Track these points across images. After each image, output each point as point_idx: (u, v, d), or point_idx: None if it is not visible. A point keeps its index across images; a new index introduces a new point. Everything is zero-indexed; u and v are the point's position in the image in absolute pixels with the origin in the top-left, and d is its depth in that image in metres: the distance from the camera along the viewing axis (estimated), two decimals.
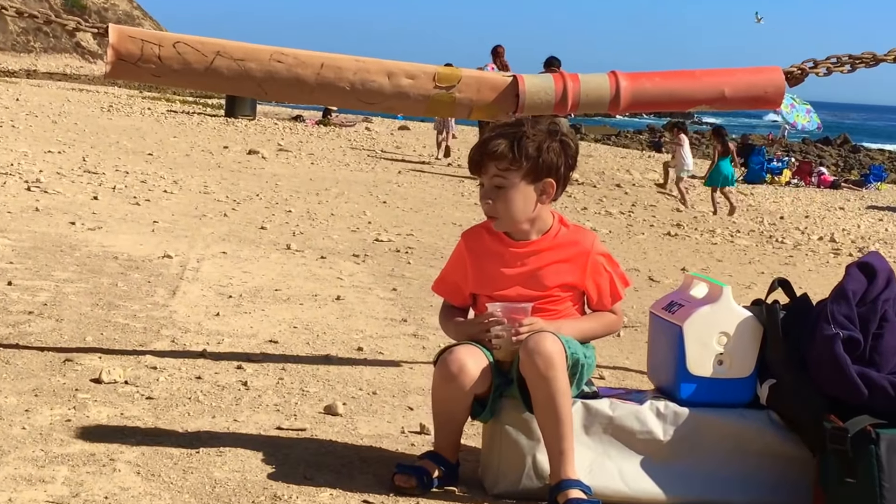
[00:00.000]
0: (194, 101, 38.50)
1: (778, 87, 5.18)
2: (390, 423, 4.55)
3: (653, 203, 16.89)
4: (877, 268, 3.77)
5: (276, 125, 26.66)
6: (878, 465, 3.48)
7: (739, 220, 15.70)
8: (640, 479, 3.78)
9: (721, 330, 3.81)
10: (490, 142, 3.79)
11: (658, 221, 14.32)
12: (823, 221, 17.40)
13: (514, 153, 3.75)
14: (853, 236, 15.08)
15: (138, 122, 22.75)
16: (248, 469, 3.80)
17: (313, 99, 5.12)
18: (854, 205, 22.69)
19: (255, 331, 5.94)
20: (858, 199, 24.79)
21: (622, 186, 19.43)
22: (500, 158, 3.76)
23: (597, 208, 15.22)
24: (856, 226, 17.32)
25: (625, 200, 16.91)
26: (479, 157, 3.81)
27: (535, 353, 3.57)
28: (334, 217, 11.22)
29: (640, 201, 16.98)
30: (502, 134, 3.79)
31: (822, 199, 23.46)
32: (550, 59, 18.58)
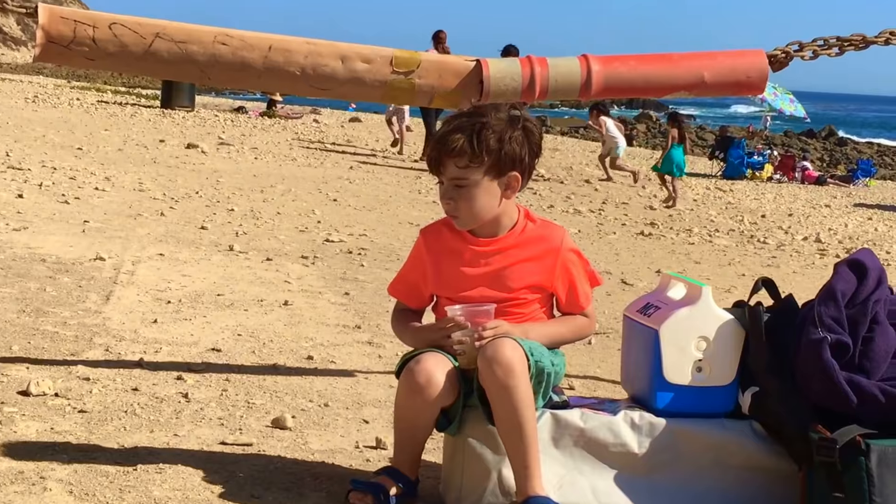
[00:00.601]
0: (127, 91, 38.31)
1: (761, 71, 5.21)
2: (343, 437, 4.55)
3: (625, 201, 16.96)
4: (868, 266, 3.80)
5: (217, 117, 26.55)
6: (869, 479, 3.51)
7: (718, 219, 15.78)
8: (614, 496, 3.79)
9: (700, 334, 3.83)
10: (447, 137, 3.76)
11: (630, 220, 14.39)
12: (808, 220, 17.51)
13: (475, 148, 3.72)
14: (840, 236, 15.18)
15: (66, 114, 22.60)
16: (190, 487, 3.80)
17: (260, 84, 5.11)
18: (841, 202, 22.84)
19: (197, 339, 5.93)
20: (845, 196, 24.96)
21: (591, 182, 19.50)
22: (459, 155, 3.74)
23: (564, 206, 15.27)
24: (843, 225, 17.44)
25: (595, 198, 16.97)
26: (437, 156, 3.78)
27: (494, 362, 3.57)
28: (281, 216, 11.21)
29: (612, 198, 17.05)
30: (459, 127, 3.76)
31: (806, 195, 23.61)
32: (508, 48, 18.61)
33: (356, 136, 24.92)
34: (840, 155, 42.13)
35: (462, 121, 3.79)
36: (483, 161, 3.74)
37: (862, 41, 5.40)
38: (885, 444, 3.55)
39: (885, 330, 3.74)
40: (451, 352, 3.71)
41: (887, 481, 3.51)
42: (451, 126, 3.79)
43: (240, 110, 30.82)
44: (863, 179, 29.18)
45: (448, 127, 3.80)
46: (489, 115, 3.78)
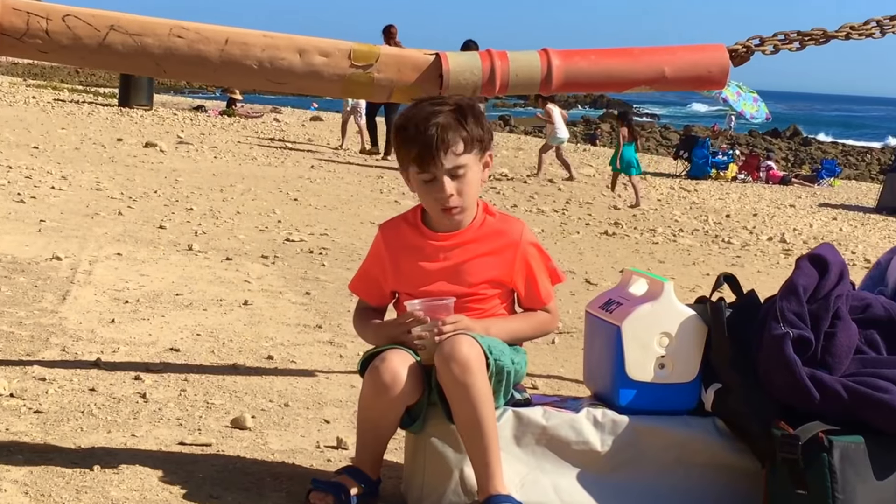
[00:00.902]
0: (84, 89, 38.11)
1: (722, 66, 5.23)
2: (304, 437, 4.55)
3: (589, 200, 17.00)
4: (829, 261, 3.82)
5: (176, 115, 26.44)
6: (831, 476, 3.54)
7: (682, 219, 15.84)
8: (577, 494, 3.80)
9: (662, 330, 3.85)
10: (439, 129, 3.71)
11: (594, 220, 14.43)
12: (773, 220, 17.60)
13: (467, 131, 3.74)
14: (805, 236, 15.27)
15: (22, 112, 22.44)
16: (148, 488, 3.79)
17: (217, 78, 5.09)
18: (805, 202, 22.98)
19: (155, 338, 5.91)
20: (810, 195, 25.11)
21: (555, 182, 19.53)
22: (454, 143, 3.73)
23: (528, 205, 15.30)
24: (808, 225, 17.54)
25: (558, 197, 17.00)
26: (432, 150, 3.71)
27: (451, 359, 3.57)
28: (240, 215, 11.18)
29: (575, 198, 17.08)
30: (435, 115, 3.72)
31: (771, 195, 23.73)
32: (468, 43, 18.62)
33: (317, 135, 24.86)
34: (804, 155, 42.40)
35: (430, 110, 3.75)
36: (474, 143, 3.76)
37: (822, 35, 5.43)
38: (847, 440, 3.58)
39: (846, 325, 3.76)
40: (413, 347, 3.71)
41: (849, 477, 3.54)
42: (426, 118, 3.73)
43: (199, 109, 30.72)
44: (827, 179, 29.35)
45: (423, 120, 3.73)
46: (451, 100, 3.80)
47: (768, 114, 31.59)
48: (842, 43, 5.56)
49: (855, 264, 12.15)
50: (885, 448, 3.63)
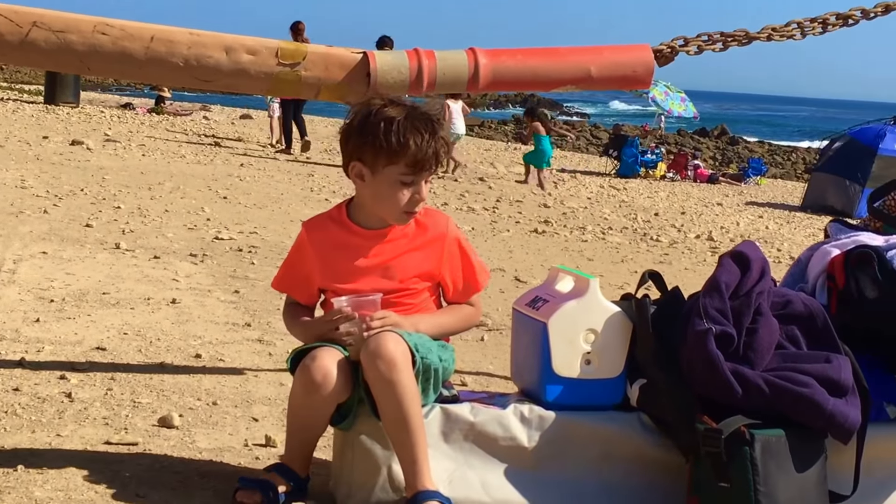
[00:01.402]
0: (9, 86, 37.71)
1: (647, 65, 5.29)
2: (232, 435, 4.54)
3: (519, 199, 17.07)
4: (751, 258, 3.88)
5: (103, 113, 26.25)
6: (753, 469, 3.60)
7: (612, 217, 15.95)
8: (504, 490, 3.83)
9: (588, 327, 3.89)
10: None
11: (525, 218, 14.49)
12: (700, 218, 17.77)
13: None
14: (732, 234, 15.42)
15: None
16: (73, 488, 3.77)
17: (142, 75, 5.06)
18: (732, 200, 23.21)
19: (81, 337, 5.87)
20: (737, 194, 25.36)
21: (486, 180, 19.60)
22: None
23: (458, 204, 15.34)
24: (734, 223, 17.73)
25: (489, 196, 17.06)
26: (435, 159, 3.81)
27: (376, 356, 3.59)
28: (169, 214, 11.11)
29: (506, 196, 17.15)
30: (438, 123, 3.83)
31: (699, 194, 23.95)
32: (383, 39, 18.64)
33: (247, 133, 24.78)
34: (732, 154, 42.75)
35: (429, 116, 3.83)
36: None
37: (745, 37, 5.50)
38: (769, 433, 3.65)
39: (768, 321, 3.82)
40: (341, 343, 3.72)
41: (771, 470, 3.60)
42: (432, 128, 3.80)
43: (127, 107, 30.51)
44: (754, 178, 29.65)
45: (429, 127, 3.80)
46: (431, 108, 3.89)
47: (696, 113, 31.87)
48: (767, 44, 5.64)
49: (780, 262, 12.30)
50: (806, 441, 3.70)
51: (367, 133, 3.78)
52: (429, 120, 3.80)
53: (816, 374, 3.73)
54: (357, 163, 3.82)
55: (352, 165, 3.84)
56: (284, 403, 4.77)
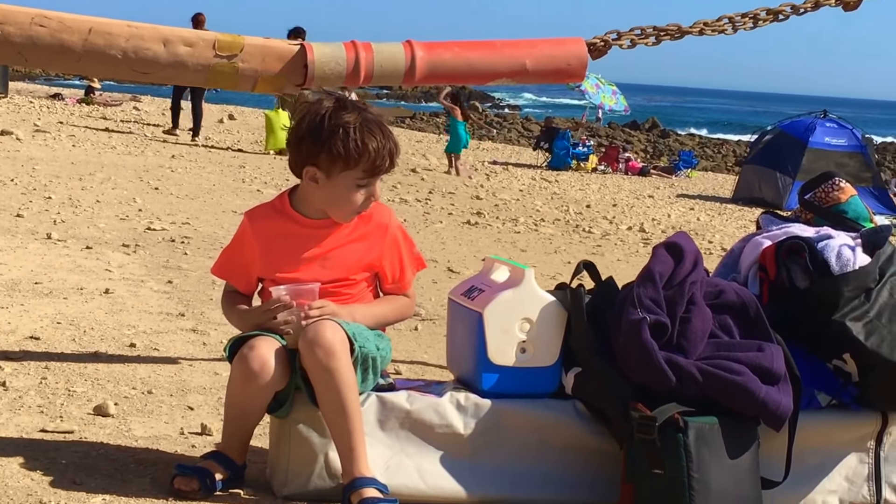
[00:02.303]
0: None
1: (581, 59, 5.34)
2: (168, 423, 4.56)
3: (451, 190, 17.11)
4: (684, 248, 3.95)
5: (32, 104, 25.98)
6: (687, 455, 3.66)
7: (544, 209, 16.03)
8: (440, 477, 3.88)
9: (524, 316, 3.94)
10: (396, 147, 3.90)
11: (457, 210, 14.53)
12: (632, 210, 17.88)
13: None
14: (664, 226, 15.55)
15: None
16: (9, 474, 3.77)
17: (80, 68, 5.04)
18: (664, 193, 23.36)
19: (14, 327, 5.85)
20: (668, 186, 25.52)
21: (418, 172, 19.63)
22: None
23: (391, 195, 15.34)
24: (666, 215, 17.86)
25: (421, 187, 17.09)
26: (390, 164, 3.91)
27: (315, 344, 3.63)
28: (100, 204, 11.05)
29: (438, 188, 17.18)
30: (388, 127, 3.91)
31: (630, 186, 24.09)
32: (296, 30, 18.58)
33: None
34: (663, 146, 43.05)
35: (379, 121, 3.89)
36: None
37: (677, 31, 5.57)
38: (702, 420, 3.71)
39: (701, 310, 3.89)
40: (279, 332, 3.75)
41: (704, 457, 3.67)
42: (386, 133, 3.88)
43: (56, 97, 30.21)
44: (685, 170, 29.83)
45: (383, 132, 3.87)
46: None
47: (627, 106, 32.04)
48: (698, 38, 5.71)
49: (712, 253, 12.43)
50: (738, 428, 3.78)
51: (322, 139, 3.79)
52: (380, 123, 3.86)
53: (749, 362, 3.80)
54: (311, 167, 3.83)
55: (306, 170, 3.84)
56: (220, 392, 4.80)
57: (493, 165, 24.85)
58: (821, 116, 23.82)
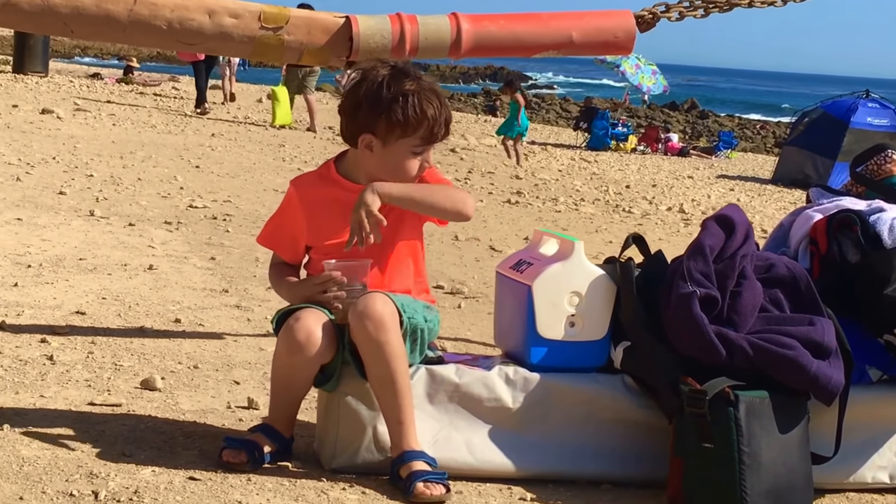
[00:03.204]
0: None
1: (628, 31, 5.30)
2: (214, 397, 4.56)
3: (491, 170, 17.08)
4: (735, 221, 3.92)
5: (72, 83, 26.09)
6: (737, 429, 3.63)
7: (584, 189, 15.99)
8: (489, 451, 3.87)
9: (573, 289, 3.91)
10: (448, 111, 3.87)
11: (497, 189, 14.50)
12: (672, 191, 17.83)
13: None
14: (703, 207, 15.49)
15: None
16: (60, 446, 3.78)
17: (125, 38, 5.04)
18: (703, 173, 23.28)
19: (60, 302, 5.87)
20: (708, 167, 25.44)
21: (457, 152, 19.61)
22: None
23: None
24: (706, 196, 17.80)
25: (460, 167, 17.06)
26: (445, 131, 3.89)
27: (364, 316, 3.62)
28: (142, 182, 11.09)
29: (478, 167, 17.16)
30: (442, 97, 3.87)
31: (669, 167, 24.03)
32: (302, 6, 18.60)
33: (218, 104, 24.67)
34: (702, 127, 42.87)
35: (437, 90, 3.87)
36: None
37: (726, 3, 5.51)
38: (752, 395, 3.69)
39: (752, 284, 3.86)
40: (328, 306, 3.74)
41: (755, 431, 3.64)
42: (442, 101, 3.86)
43: (95, 77, 30.35)
44: (724, 151, 29.74)
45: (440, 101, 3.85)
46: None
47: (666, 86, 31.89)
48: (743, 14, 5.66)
49: None
50: (789, 403, 3.75)
51: (381, 106, 3.77)
52: (436, 91, 3.84)
53: (800, 336, 3.77)
54: (368, 135, 3.80)
55: (361, 138, 3.82)
56: (265, 367, 4.80)
57: (531, 146, 24.79)
58: (863, 96, 23.65)
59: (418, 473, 3.60)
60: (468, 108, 42.67)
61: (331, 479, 3.73)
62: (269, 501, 3.50)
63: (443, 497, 3.60)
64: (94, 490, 3.43)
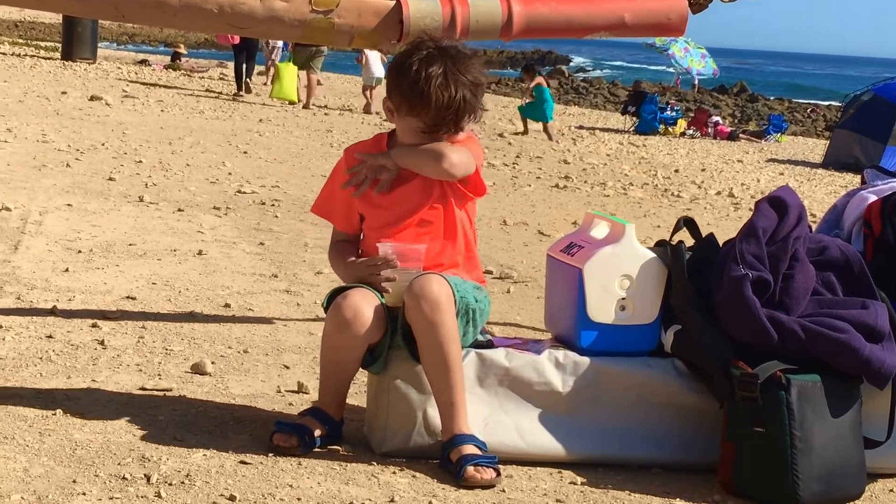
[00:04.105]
0: (25, 42, 37.67)
1: (681, 13, 5.27)
2: (265, 382, 4.58)
3: (539, 155, 17.06)
4: (788, 203, 3.89)
5: (120, 69, 26.24)
6: (789, 413, 3.62)
7: (632, 173, 15.92)
8: (539, 435, 3.87)
9: (623, 272, 3.90)
10: (466, 104, 3.83)
11: (545, 173, 14.48)
12: (721, 175, 17.72)
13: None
14: (753, 191, 15.38)
15: None
16: (112, 430, 3.81)
17: (176, 22, 5.06)
18: (753, 157, 23.11)
19: (110, 287, 5.91)
20: (757, 151, 25.25)
21: (505, 136, 19.60)
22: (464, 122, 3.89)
23: None
24: (755, 180, 17.68)
25: (508, 151, 17.05)
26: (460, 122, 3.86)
27: (421, 297, 3.62)
28: (190, 168, 11.15)
29: (525, 152, 17.14)
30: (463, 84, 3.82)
31: (718, 151, 23.86)
32: None
33: (265, 89, 24.73)
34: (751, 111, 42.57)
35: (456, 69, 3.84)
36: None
37: None
38: (804, 378, 3.67)
39: (804, 267, 3.83)
40: (380, 289, 3.75)
41: (806, 415, 3.63)
42: (461, 84, 3.82)
43: (143, 63, 30.50)
44: (774, 135, 29.50)
45: (462, 86, 3.82)
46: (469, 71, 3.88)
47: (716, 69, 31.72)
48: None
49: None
50: (841, 386, 3.73)
51: (397, 78, 3.83)
52: (461, 83, 3.80)
53: (853, 319, 3.74)
54: (387, 99, 3.88)
55: (383, 99, 3.91)
56: (315, 352, 4.82)
57: (579, 130, 24.72)
58: None
59: (469, 457, 3.61)
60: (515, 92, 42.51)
61: (381, 462, 3.74)
62: (319, 485, 3.51)
63: (493, 481, 3.60)
64: (147, 473, 3.45)
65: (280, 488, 3.45)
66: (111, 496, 3.30)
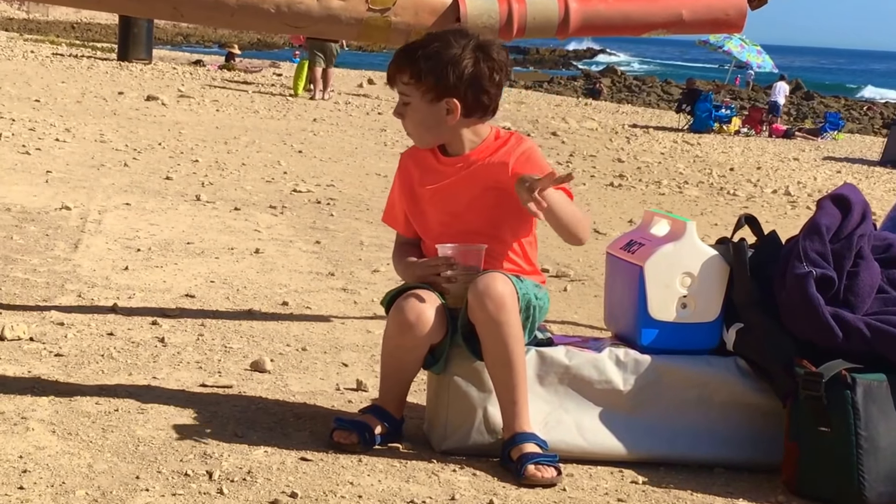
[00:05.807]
0: (82, 43, 38.02)
1: (740, 8, 5.23)
2: (323, 379, 4.59)
3: (592, 153, 17.00)
4: (852, 200, 3.85)
5: (175, 70, 26.41)
6: (855, 413, 3.57)
7: (687, 172, 15.84)
8: (599, 433, 3.84)
9: (685, 270, 3.87)
10: (404, 51, 3.81)
11: (599, 172, 14.44)
12: (777, 173, 17.59)
13: (418, 67, 3.74)
14: (809, 189, 15.27)
15: (21, 66, 22.43)
16: (173, 427, 3.83)
17: (234, 23, 5.08)
18: (809, 155, 22.95)
19: (169, 285, 5.94)
20: (813, 149, 25.07)
21: (559, 135, 19.55)
22: (402, 71, 3.79)
23: None
24: (812, 178, 17.54)
25: (562, 150, 17.01)
26: (391, 67, 3.82)
27: (485, 296, 3.61)
28: (246, 167, 11.20)
29: (579, 151, 17.09)
30: (418, 45, 3.80)
31: (774, 149, 23.71)
32: None
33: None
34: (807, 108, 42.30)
35: (426, 39, 3.83)
36: (420, 82, 3.76)
37: None
38: (870, 377, 3.62)
39: (869, 265, 3.79)
40: (440, 289, 3.74)
41: (872, 414, 3.57)
42: (416, 42, 3.85)
43: (198, 63, 30.68)
44: (831, 133, 29.28)
45: (411, 44, 3.86)
46: (449, 40, 3.78)
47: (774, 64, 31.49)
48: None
49: None
50: None
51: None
52: (440, 55, 3.73)
53: None
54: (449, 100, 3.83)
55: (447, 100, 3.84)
56: (373, 350, 4.83)
57: (633, 129, 24.62)
58: None
59: (529, 456, 3.59)
60: (568, 91, 42.48)
61: (441, 460, 3.73)
62: (380, 482, 3.51)
63: (554, 480, 3.58)
64: (209, 470, 3.46)
65: (341, 485, 3.45)
66: (174, 492, 3.31)
